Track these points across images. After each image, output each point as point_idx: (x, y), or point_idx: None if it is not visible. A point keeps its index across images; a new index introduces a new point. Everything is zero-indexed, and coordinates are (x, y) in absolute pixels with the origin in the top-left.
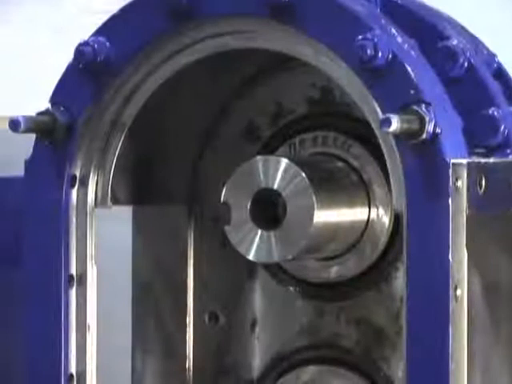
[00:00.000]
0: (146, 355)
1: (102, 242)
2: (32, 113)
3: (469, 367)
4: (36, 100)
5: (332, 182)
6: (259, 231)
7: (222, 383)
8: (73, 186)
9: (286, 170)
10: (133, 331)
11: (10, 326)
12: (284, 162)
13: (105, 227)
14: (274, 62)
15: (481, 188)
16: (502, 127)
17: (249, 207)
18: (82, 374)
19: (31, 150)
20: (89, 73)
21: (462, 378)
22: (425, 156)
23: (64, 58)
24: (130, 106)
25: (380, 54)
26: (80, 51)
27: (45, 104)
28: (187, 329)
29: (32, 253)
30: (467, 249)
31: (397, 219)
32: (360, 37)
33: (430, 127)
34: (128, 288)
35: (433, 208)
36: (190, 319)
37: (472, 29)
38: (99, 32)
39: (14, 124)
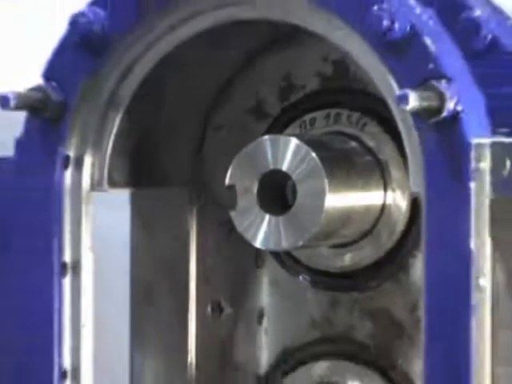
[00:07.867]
0: (145, 350)
1: (98, 229)
2: (20, 89)
3: (492, 362)
4: (24, 75)
5: (345, 164)
6: (267, 216)
7: (227, 379)
8: (66, 167)
9: (295, 151)
10: (131, 324)
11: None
12: (293, 141)
13: (101, 212)
14: (282, 34)
15: (505, 170)
16: None
17: (256, 191)
18: (76, 371)
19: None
20: (84, 45)
21: (485, 374)
22: (445, 135)
23: (55, 30)
24: (129, 80)
25: (397, 26)
26: (74, 22)
27: (35, 80)
28: (189, 321)
29: (22, 239)
30: (491, 235)
31: (415, 203)
32: (375, 7)
33: (450, 104)
34: (125, 278)
35: (454, 192)
36: (192, 310)
37: None
38: (94, 2)
39: (3, 100)
